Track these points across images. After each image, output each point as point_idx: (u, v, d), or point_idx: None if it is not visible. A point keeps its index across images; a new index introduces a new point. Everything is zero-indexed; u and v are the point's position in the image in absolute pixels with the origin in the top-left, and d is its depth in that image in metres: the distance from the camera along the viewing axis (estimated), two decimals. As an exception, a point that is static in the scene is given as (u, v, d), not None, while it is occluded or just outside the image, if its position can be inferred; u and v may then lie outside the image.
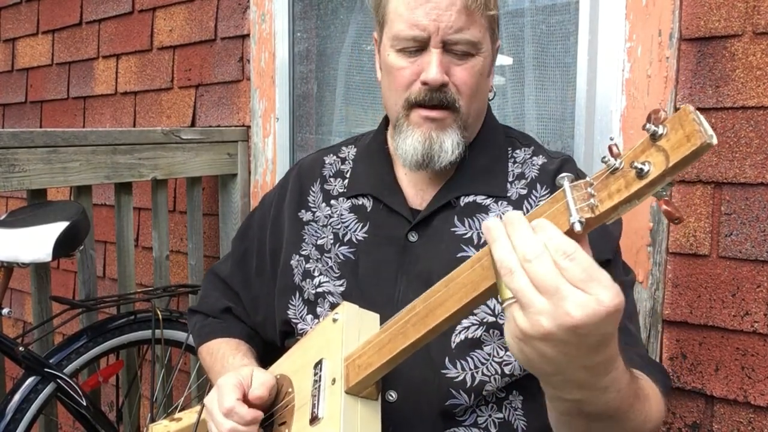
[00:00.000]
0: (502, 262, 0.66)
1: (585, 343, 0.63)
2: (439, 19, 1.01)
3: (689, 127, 0.58)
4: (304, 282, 1.14)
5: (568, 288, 0.62)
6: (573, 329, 0.62)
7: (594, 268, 0.63)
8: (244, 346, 1.23)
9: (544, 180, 1.09)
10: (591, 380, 0.69)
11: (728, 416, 1.38)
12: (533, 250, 0.64)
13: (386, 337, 0.83)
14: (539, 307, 0.63)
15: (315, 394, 0.90)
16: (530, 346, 0.65)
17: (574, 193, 0.65)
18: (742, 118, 1.34)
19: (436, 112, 1.05)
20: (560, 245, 0.63)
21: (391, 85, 1.09)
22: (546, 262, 0.63)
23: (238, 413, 0.94)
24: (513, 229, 0.67)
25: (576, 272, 0.62)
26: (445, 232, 1.08)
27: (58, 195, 2.77)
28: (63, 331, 2.34)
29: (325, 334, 0.97)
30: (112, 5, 2.65)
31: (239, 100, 2.25)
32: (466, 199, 1.09)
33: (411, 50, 1.04)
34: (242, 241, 1.32)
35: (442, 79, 1.02)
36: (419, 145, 1.05)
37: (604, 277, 0.63)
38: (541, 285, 0.63)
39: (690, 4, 1.38)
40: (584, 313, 0.61)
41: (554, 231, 0.65)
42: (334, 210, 1.17)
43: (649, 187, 0.61)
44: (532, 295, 0.63)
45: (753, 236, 1.33)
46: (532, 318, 0.63)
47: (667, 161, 0.59)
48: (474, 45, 1.04)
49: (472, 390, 0.99)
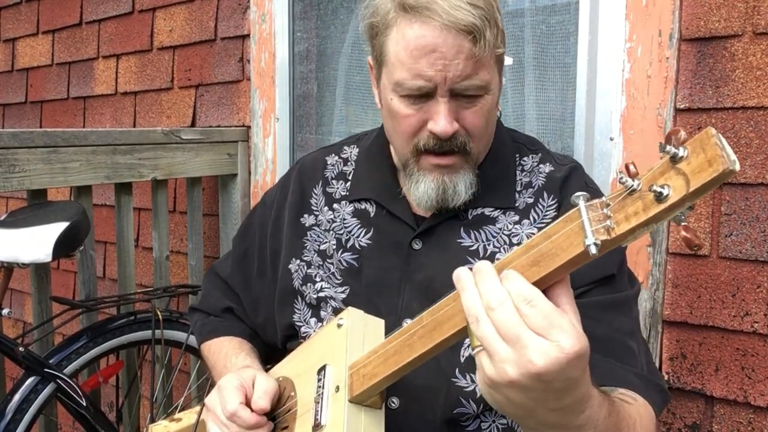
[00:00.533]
0: (469, 310, 0.67)
1: (551, 389, 0.64)
2: (446, 69, 0.94)
3: (711, 152, 0.56)
4: (305, 287, 1.13)
5: (530, 336, 0.63)
6: (536, 376, 0.62)
7: (555, 315, 0.64)
8: (246, 346, 1.22)
9: (551, 188, 1.07)
10: (563, 421, 0.69)
11: (728, 416, 1.38)
12: (497, 298, 0.65)
13: (392, 348, 0.83)
14: (503, 355, 0.64)
15: (318, 401, 0.90)
16: (499, 392, 0.67)
17: (589, 213, 0.63)
18: (742, 118, 1.34)
19: (447, 158, 1.01)
20: (521, 292, 0.64)
21: (396, 128, 1.04)
22: (508, 309, 0.64)
23: (241, 417, 0.94)
24: (480, 279, 0.68)
25: (537, 319, 0.63)
26: (451, 243, 1.06)
27: (58, 195, 2.77)
28: (63, 332, 2.34)
29: (329, 339, 0.96)
30: (112, 5, 2.65)
31: (239, 100, 2.25)
32: (474, 212, 1.08)
33: (416, 95, 0.98)
34: (243, 240, 1.31)
35: (452, 129, 0.97)
36: (432, 192, 1.03)
37: (565, 323, 0.64)
38: (504, 333, 0.64)
39: (690, 5, 1.38)
40: (546, 361, 0.62)
41: (518, 279, 0.66)
42: (336, 214, 1.16)
43: (668, 212, 0.59)
44: (497, 344, 0.64)
45: (753, 236, 1.33)
46: (498, 366, 0.64)
47: (688, 186, 0.57)
48: (483, 88, 0.98)
49: (481, 400, 0.99)
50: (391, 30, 0.98)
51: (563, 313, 0.66)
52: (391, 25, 0.98)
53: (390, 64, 1.00)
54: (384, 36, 1.00)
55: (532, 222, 1.06)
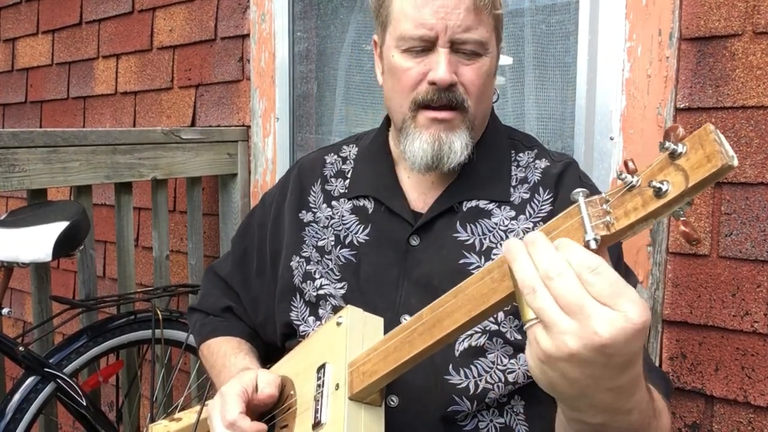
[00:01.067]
0: (523, 281, 0.63)
1: (612, 363, 0.61)
2: (447, 18, 0.99)
3: (710, 148, 0.57)
4: (305, 284, 1.13)
5: (595, 305, 0.59)
6: (601, 349, 0.59)
7: (621, 283, 0.60)
8: (245, 346, 1.22)
9: (546, 184, 1.08)
10: (617, 403, 0.66)
11: (728, 416, 1.38)
12: (556, 267, 0.62)
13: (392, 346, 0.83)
14: (564, 327, 0.60)
15: (318, 399, 0.90)
16: (554, 368, 0.62)
17: (589, 209, 0.64)
18: (742, 118, 1.34)
19: (444, 112, 1.03)
20: (584, 260, 0.61)
21: (396, 86, 1.06)
22: (570, 278, 0.61)
23: (240, 427, 0.93)
24: (534, 248, 0.64)
25: (602, 288, 0.60)
26: (447, 237, 1.07)
27: (58, 195, 2.77)
28: (63, 331, 2.34)
29: (329, 338, 0.96)
30: (112, 5, 2.65)
31: (239, 100, 2.25)
32: (468, 204, 1.08)
33: (417, 50, 1.02)
34: (242, 240, 1.31)
35: (451, 78, 1.00)
36: (428, 147, 1.03)
37: (632, 293, 0.60)
38: (565, 303, 0.60)
39: (690, 4, 1.38)
40: (613, 332, 0.58)
41: (576, 247, 0.63)
42: (335, 211, 1.16)
43: (667, 207, 0.60)
44: (557, 314, 0.60)
45: (753, 236, 1.33)
46: (557, 338, 0.60)
47: (687, 181, 0.58)
48: (482, 45, 1.02)
49: (474, 397, 0.99)
50: None
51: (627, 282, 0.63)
52: None
53: (394, 20, 1.04)
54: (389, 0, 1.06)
55: (527, 217, 1.06)
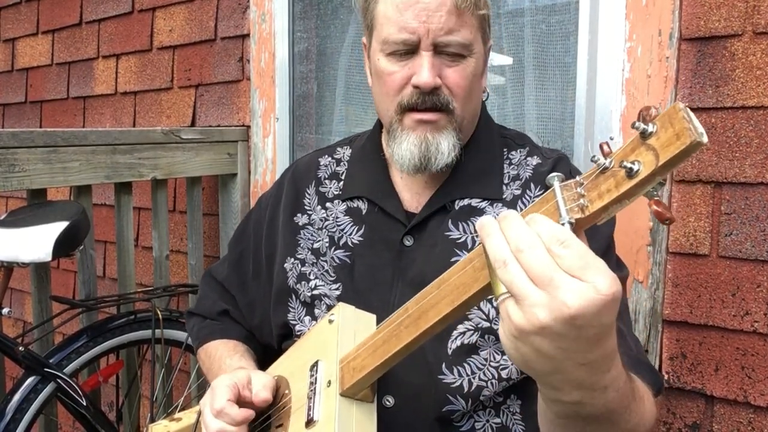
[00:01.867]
0: (495, 255, 0.64)
1: (583, 336, 0.61)
2: (429, 21, 0.99)
3: (679, 125, 0.57)
4: (299, 285, 1.14)
5: (564, 277, 0.60)
6: (570, 320, 0.59)
7: (590, 255, 0.61)
8: (241, 347, 1.23)
9: (538, 180, 1.09)
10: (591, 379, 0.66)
11: (728, 416, 1.38)
12: (526, 240, 0.62)
13: (380, 340, 0.83)
14: (534, 299, 0.60)
15: (311, 397, 0.90)
16: (526, 343, 0.62)
17: (564, 193, 0.64)
18: (742, 118, 1.34)
19: (429, 114, 1.03)
20: (553, 233, 0.61)
21: (382, 89, 1.07)
22: (539, 250, 0.61)
23: (228, 414, 0.94)
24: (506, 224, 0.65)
25: (571, 260, 0.60)
26: (439, 236, 1.07)
27: (58, 195, 2.77)
28: (63, 331, 2.34)
29: (321, 336, 0.97)
30: (112, 5, 2.65)
31: (239, 100, 2.25)
32: (461, 203, 1.09)
33: (401, 53, 1.02)
34: (238, 243, 1.32)
35: (434, 82, 1.01)
36: (415, 148, 1.04)
37: (601, 264, 0.60)
38: (535, 275, 0.60)
39: (690, 4, 1.38)
40: (581, 302, 0.58)
41: (547, 221, 0.63)
42: (329, 213, 1.17)
43: (639, 187, 0.60)
44: (527, 286, 0.61)
45: (753, 236, 1.33)
46: (528, 311, 0.60)
47: (657, 160, 0.58)
48: (465, 47, 1.02)
49: (469, 395, 0.99)
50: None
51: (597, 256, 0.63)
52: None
53: (378, 24, 1.05)
54: (375, 2, 1.06)
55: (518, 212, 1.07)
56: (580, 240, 0.62)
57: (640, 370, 0.92)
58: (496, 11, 1.73)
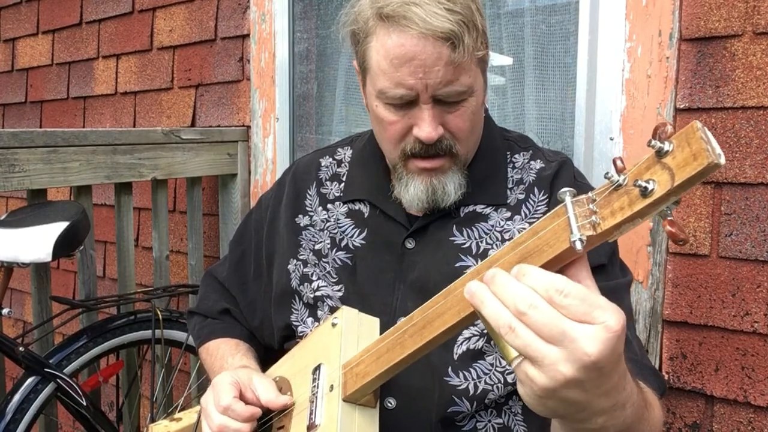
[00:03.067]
0: (497, 322, 0.62)
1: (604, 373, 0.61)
2: (427, 77, 0.94)
3: (696, 146, 0.55)
4: (302, 286, 1.13)
5: (575, 326, 0.59)
6: (593, 365, 0.59)
7: (591, 296, 0.60)
8: (243, 346, 1.23)
9: (541, 184, 1.08)
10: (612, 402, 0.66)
11: (728, 416, 1.38)
12: (525, 299, 0.61)
13: (384, 347, 0.83)
14: (553, 357, 0.59)
15: (313, 400, 0.90)
16: (553, 398, 0.62)
17: (575, 209, 0.63)
18: (742, 118, 1.34)
19: (433, 161, 1.02)
20: (550, 284, 0.61)
21: (383, 135, 1.05)
22: (543, 307, 0.60)
23: (235, 410, 0.94)
24: (497, 286, 0.64)
25: (576, 307, 0.59)
26: (442, 240, 1.07)
27: (58, 195, 2.77)
28: (63, 331, 2.34)
29: (324, 339, 0.97)
30: (112, 5, 2.65)
31: (239, 100, 2.25)
32: (465, 210, 1.08)
33: (399, 104, 0.99)
34: (239, 243, 1.31)
35: (437, 135, 0.98)
36: (423, 194, 1.04)
37: (603, 301, 0.61)
38: (546, 334, 0.60)
39: (690, 4, 1.38)
40: (600, 347, 0.58)
41: (538, 272, 0.62)
42: (330, 214, 1.17)
43: (653, 207, 0.58)
44: (543, 347, 0.60)
45: (753, 236, 1.33)
46: (550, 370, 0.60)
47: (673, 180, 0.56)
48: (465, 92, 0.99)
49: (474, 398, 0.99)
50: (371, 38, 0.99)
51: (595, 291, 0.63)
52: (371, 34, 0.99)
53: (372, 72, 1.01)
54: (365, 44, 1.00)
55: (523, 218, 1.07)
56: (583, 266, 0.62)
57: (645, 375, 0.93)
58: (496, 11, 1.73)
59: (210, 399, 0.99)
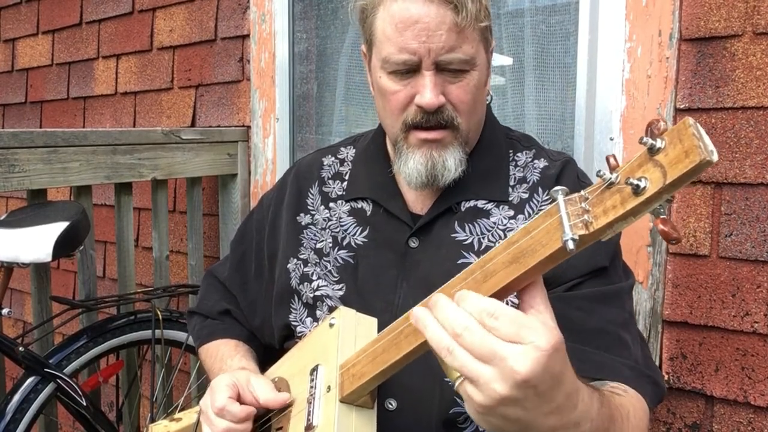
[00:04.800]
0: (437, 344, 0.66)
1: (541, 391, 0.64)
2: (430, 40, 0.96)
3: (688, 142, 0.55)
4: (302, 286, 1.13)
5: (504, 346, 0.62)
6: (524, 383, 0.62)
7: (520, 317, 0.63)
8: (242, 347, 1.23)
9: (546, 184, 1.08)
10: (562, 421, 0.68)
11: (728, 416, 1.38)
12: (460, 322, 0.64)
13: (380, 347, 0.82)
14: (487, 376, 0.63)
15: (311, 401, 0.90)
16: (494, 415, 0.65)
17: (568, 207, 0.62)
18: (742, 118, 1.34)
19: (434, 132, 1.02)
20: (481, 307, 0.64)
21: (386, 107, 1.06)
22: (474, 329, 0.64)
23: (230, 411, 0.94)
24: (438, 310, 0.67)
25: (505, 328, 0.63)
26: (445, 237, 1.07)
27: (58, 195, 2.77)
28: (63, 331, 2.34)
29: (322, 339, 0.97)
30: (112, 5, 2.65)
31: (239, 100, 2.25)
32: (467, 204, 1.08)
33: (403, 72, 1.01)
34: (240, 243, 1.31)
35: (438, 102, 0.99)
36: (422, 167, 1.03)
37: (533, 322, 0.64)
38: (478, 353, 0.63)
39: (690, 5, 1.38)
40: (528, 364, 0.61)
41: (473, 297, 0.65)
42: (332, 213, 1.16)
43: (645, 205, 0.58)
44: (476, 367, 0.63)
45: (753, 236, 1.33)
46: (484, 389, 0.63)
47: (665, 178, 0.56)
48: (468, 62, 1.00)
49: None
50: (378, 9, 1.02)
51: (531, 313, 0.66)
52: (378, 4, 1.02)
53: (378, 41, 1.03)
54: (373, 16, 1.03)
55: (526, 217, 1.06)
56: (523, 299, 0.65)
57: (640, 383, 0.93)
58: (496, 11, 1.73)
59: (208, 402, 0.99)
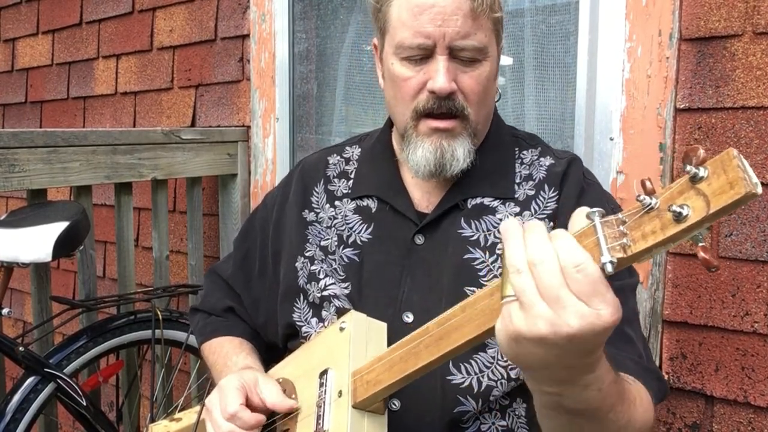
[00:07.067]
0: (511, 260, 0.66)
1: (577, 349, 0.65)
2: (445, 24, 0.97)
3: (732, 174, 0.55)
4: (309, 285, 1.13)
5: (571, 298, 0.62)
6: (568, 338, 0.62)
7: (600, 283, 0.62)
8: (247, 345, 1.22)
9: (552, 181, 1.08)
10: (572, 378, 0.70)
11: (728, 416, 1.38)
12: (543, 255, 0.64)
13: (398, 356, 0.82)
14: (539, 311, 0.63)
15: (321, 405, 0.90)
16: (522, 346, 0.66)
17: (605, 230, 0.62)
18: (742, 118, 1.34)
19: (445, 121, 1.02)
20: (572, 255, 0.63)
21: (397, 94, 1.06)
22: (553, 269, 0.63)
23: (241, 418, 0.94)
24: (529, 233, 0.66)
25: (582, 285, 0.62)
26: (451, 234, 1.07)
27: (58, 195, 2.77)
28: (63, 331, 2.34)
29: (331, 342, 0.96)
30: (112, 5, 2.65)
31: (239, 100, 2.25)
32: (473, 201, 1.08)
33: (416, 58, 1.01)
34: (244, 241, 1.31)
35: (450, 87, 0.99)
36: (431, 155, 1.03)
37: (609, 295, 0.63)
38: (543, 290, 0.63)
39: (690, 4, 1.38)
40: (583, 325, 0.62)
41: (568, 241, 0.64)
42: (338, 211, 1.16)
43: (687, 232, 0.58)
44: (534, 298, 0.63)
45: (753, 236, 1.33)
46: (531, 320, 0.63)
47: (708, 207, 0.56)
48: (481, 51, 1.01)
49: (479, 395, 0.98)
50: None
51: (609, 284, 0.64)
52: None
53: (392, 28, 1.03)
54: (387, 5, 1.04)
55: (533, 213, 1.07)
56: None
57: (646, 378, 0.94)
58: (496, 11, 1.73)
59: (216, 402, 0.98)
